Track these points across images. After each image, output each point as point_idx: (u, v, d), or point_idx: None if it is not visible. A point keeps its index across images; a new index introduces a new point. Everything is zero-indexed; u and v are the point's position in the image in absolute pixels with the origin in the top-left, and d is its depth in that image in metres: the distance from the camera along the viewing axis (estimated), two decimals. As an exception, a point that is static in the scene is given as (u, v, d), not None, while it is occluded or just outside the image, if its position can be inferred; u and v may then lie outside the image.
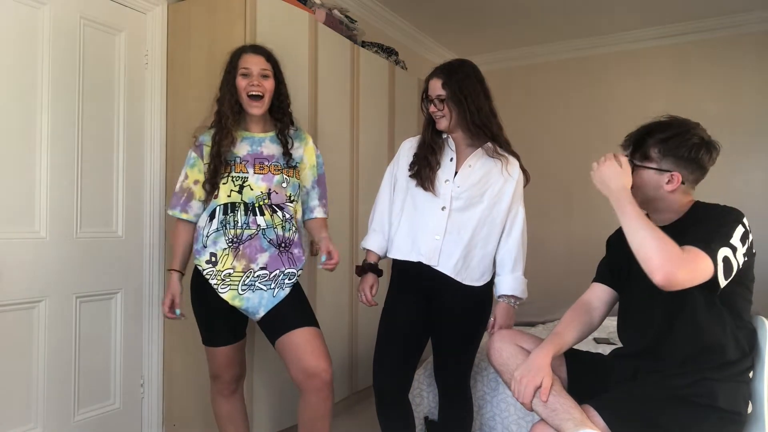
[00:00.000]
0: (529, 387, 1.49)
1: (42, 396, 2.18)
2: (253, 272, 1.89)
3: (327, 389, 1.86)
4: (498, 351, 1.70)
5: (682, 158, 1.50)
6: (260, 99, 1.93)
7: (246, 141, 1.97)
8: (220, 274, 1.89)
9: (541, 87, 4.90)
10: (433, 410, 2.28)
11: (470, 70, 1.95)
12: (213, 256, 1.90)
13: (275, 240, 1.92)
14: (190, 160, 2.00)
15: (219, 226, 1.89)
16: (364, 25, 3.61)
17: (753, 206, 3.55)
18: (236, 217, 1.89)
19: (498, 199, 1.95)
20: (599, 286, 1.75)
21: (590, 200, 4.64)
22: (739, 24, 4.14)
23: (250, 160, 1.94)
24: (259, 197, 1.91)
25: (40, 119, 2.17)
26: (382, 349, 1.98)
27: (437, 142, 1.99)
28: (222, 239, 1.89)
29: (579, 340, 1.67)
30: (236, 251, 1.89)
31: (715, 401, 1.42)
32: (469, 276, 1.94)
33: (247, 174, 1.92)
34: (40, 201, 2.17)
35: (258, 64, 1.94)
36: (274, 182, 1.94)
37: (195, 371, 2.52)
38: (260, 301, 1.90)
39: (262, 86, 1.93)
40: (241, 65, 1.94)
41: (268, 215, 1.91)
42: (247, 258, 1.89)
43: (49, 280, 2.20)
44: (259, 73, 1.93)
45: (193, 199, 1.97)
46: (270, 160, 1.96)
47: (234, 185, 1.91)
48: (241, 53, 1.97)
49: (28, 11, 2.13)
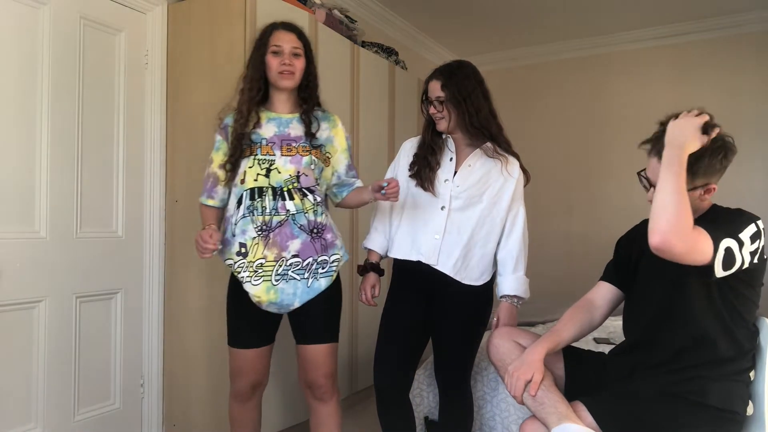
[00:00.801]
0: (520, 381, 1.54)
1: (42, 396, 2.18)
2: (286, 261, 1.80)
3: (331, 403, 1.93)
4: (496, 347, 1.74)
5: (714, 169, 1.49)
6: (291, 74, 1.86)
7: (272, 122, 1.88)
8: (251, 266, 1.79)
9: (541, 87, 4.90)
10: (433, 410, 2.28)
11: (469, 71, 1.95)
12: (243, 247, 1.80)
13: (306, 226, 1.82)
14: (216, 143, 1.92)
15: (246, 211, 1.80)
16: (364, 25, 3.61)
17: (754, 206, 3.53)
18: (264, 203, 1.80)
19: (497, 198, 1.95)
20: (604, 285, 1.76)
21: (590, 200, 4.65)
22: (739, 24, 4.14)
23: (276, 141, 1.84)
24: (287, 181, 1.82)
25: (40, 119, 2.17)
26: (382, 348, 1.99)
27: (437, 143, 2.00)
28: (250, 227, 1.80)
29: (577, 338, 1.69)
30: (266, 239, 1.79)
31: (706, 399, 1.43)
32: (469, 275, 1.94)
33: (274, 156, 1.83)
34: (40, 201, 2.17)
35: (290, 42, 1.86)
36: (303, 164, 1.84)
37: (195, 371, 2.52)
38: (294, 291, 1.82)
39: (293, 65, 1.85)
40: (272, 42, 1.85)
41: (297, 199, 1.82)
42: (279, 246, 1.79)
43: (49, 280, 2.20)
44: (290, 51, 1.85)
45: (218, 184, 1.89)
46: (297, 141, 1.86)
47: (260, 168, 1.81)
48: (273, 30, 1.88)
49: (28, 11, 2.13)
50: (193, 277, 2.53)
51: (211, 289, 2.46)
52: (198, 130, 2.51)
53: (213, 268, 2.44)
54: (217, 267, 2.43)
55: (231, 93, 2.38)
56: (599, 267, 1.85)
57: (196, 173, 2.50)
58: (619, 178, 4.48)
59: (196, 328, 2.52)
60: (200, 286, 2.50)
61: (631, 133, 4.35)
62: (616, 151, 4.50)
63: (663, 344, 1.53)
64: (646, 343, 1.58)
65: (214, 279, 2.44)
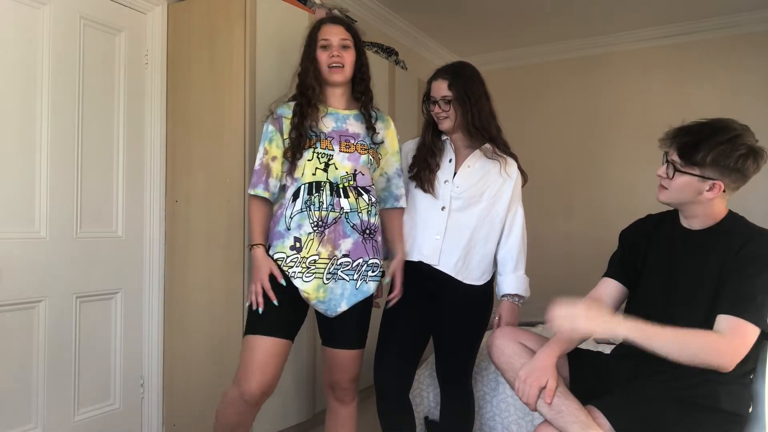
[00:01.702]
0: (534, 387, 1.48)
1: (42, 396, 2.18)
2: (337, 259, 1.76)
3: (351, 405, 1.94)
4: (500, 349, 1.68)
5: (727, 168, 1.45)
6: (341, 68, 1.84)
7: (330, 116, 1.86)
8: (305, 261, 1.74)
9: (541, 87, 4.90)
10: (434, 410, 2.28)
11: (473, 72, 1.98)
12: (297, 242, 1.75)
13: (359, 225, 1.79)
14: (268, 134, 1.85)
15: (303, 206, 1.75)
16: (364, 25, 3.60)
17: (755, 207, 3.54)
18: (321, 198, 1.76)
19: (496, 199, 1.97)
20: (610, 282, 1.72)
21: (590, 200, 4.65)
22: (739, 24, 4.14)
23: (335, 136, 1.81)
24: (344, 177, 1.78)
25: (40, 119, 2.17)
26: (383, 347, 1.99)
27: (437, 144, 2.01)
28: (306, 222, 1.75)
29: (586, 339, 1.66)
30: (321, 236, 1.75)
31: (718, 403, 1.42)
32: (470, 275, 1.95)
33: (333, 151, 1.79)
34: (40, 201, 2.17)
35: (338, 35, 1.84)
36: (360, 162, 1.81)
37: (195, 371, 2.52)
38: (342, 293, 1.78)
39: (342, 57, 1.83)
40: (321, 37, 1.85)
41: (353, 198, 1.78)
42: (332, 244, 1.76)
43: (49, 280, 2.20)
44: (339, 44, 1.83)
45: (271, 176, 1.83)
46: (356, 138, 1.84)
47: (319, 162, 1.78)
48: (321, 25, 1.88)
49: (28, 11, 2.13)
50: (193, 277, 2.53)
51: (211, 288, 2.45)
52: (198, 130, 2.51)
53: (213, 268, 2.44)
54: (217, 267, 2.43)
55: (231, 93, 2.40)
56: (599, 267, 1.84)
57: (196, 173, 2.51)
58: (619, 178, 4.48)
59: (196, 329, 2.52)
60: (200, 286, 2.50)
61: (632, 133, 4.40)
62: (616, 151, 4.50)
63: None
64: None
65: (215, 279, 2.44)
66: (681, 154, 1.50)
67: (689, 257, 1.55)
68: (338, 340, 1.87)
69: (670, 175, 1.52)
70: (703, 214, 1.54)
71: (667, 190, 1.55)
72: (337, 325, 1.85)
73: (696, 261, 1.53)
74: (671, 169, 1.52)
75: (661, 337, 1.35)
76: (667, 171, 1.54)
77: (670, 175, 1.52)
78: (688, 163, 1.49)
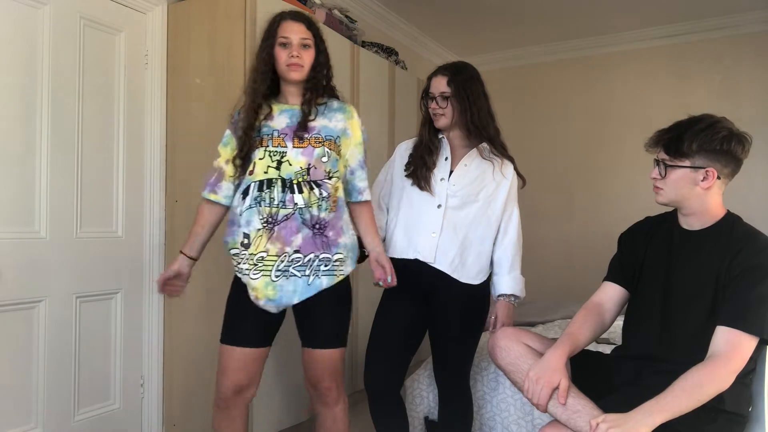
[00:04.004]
0: (546, 388, 1.46)
1: (42, 396, 2.18)
2: (288, 256, 1.73)
3: (336, 409, 1.87)
4: (505, 350, 1.65)
5: (714, 151, 1.48)
6: (300, 67, 1.79)
7: (284, 113, 1.82)
8: (252, 258, 1.73)
9: (541, 87, 4.90)
10: (433, 410, 2.28)
11: (473, 71, 1.99)
12: (246, 237, 1.74)
13: (309, 221, 1.75)
14: (224, 138, 1.86)
15: (253, 202, 1.74)
16: (364, 25, 3.61)
17: (754, 206, 3.55)
18: (272, 194, 1.73)
19: (492, 198, 1.98)
20: (611, 286, 1.72)
21: (590, 200, 4.65)
22: (739, 24, 4.14)
23: (288, 133, 1.78)
24: (298, 173, 1.75)
25: (40, 119, 2.17)
26: (373, 345, 2.00)
27: (434, 142, 2.01)
28: (255, 218, 1.73)
29: (592, 341, 1.66)
30: (270, 233, 1.73)
31: (722, 404, 1.41)
32: (466, 273, 1.95)
33: (286, 148, 1.77)
34: (40, 201, 2.17)
35: (298, 33, 1.78)
36: (314, 156, 1.77)
37: (195, 371, 2.52)
38: (295, 289, 1.75)
39: (302, 58, 1.78)
40: (281, 33, 1.78)
41: (306, 193, 1.75)
42: (282, 240, 1.73)
43: (49, 280, 2.20)
44: (299, 43, 1.78)
45: (223, 179, 1.83)
46: (310, 132, 1.80)
47: (271, 161, 1.75)
48: (281, 20, 1.81)
49: (28, 11, 2.13)
50: (193, 277, 2.52)
51: (210, 289, 2.45)
52: (198, 130, 2.51)
53: (213, 268, 2.44)
54: (217, 267, 2.43)
55: (231, 93, 2.40)
56: (600, 267, 1.84)
57: (196, 173, 2.50)
58: (619, 178, 4.49)
59: (196, 328, 2.52)
60: (200, 286, 2.50)
61: (632, 133, 4.40)
62: (616, 151, 4.50)
63: (670, 350, 1.52)
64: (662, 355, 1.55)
65: (214, 279, 2.44)
66: (668, 150, 1.54)
67: (687, 260, 1.55)
68: (312, 339, 1.84)
69: (663, 174, 1.55)
70: (701, 209, 1.54)
71: (663, 190, 1.56)
72: (307, 323, 1.84)
73: (694, 264, 1.53)
74: (662, 168, 1.55)
75: (678, 400, 1.34)
76: (659, 171, 1.56)
77: (663, 174, 1.55)
78: (677, 156, 1.52)
